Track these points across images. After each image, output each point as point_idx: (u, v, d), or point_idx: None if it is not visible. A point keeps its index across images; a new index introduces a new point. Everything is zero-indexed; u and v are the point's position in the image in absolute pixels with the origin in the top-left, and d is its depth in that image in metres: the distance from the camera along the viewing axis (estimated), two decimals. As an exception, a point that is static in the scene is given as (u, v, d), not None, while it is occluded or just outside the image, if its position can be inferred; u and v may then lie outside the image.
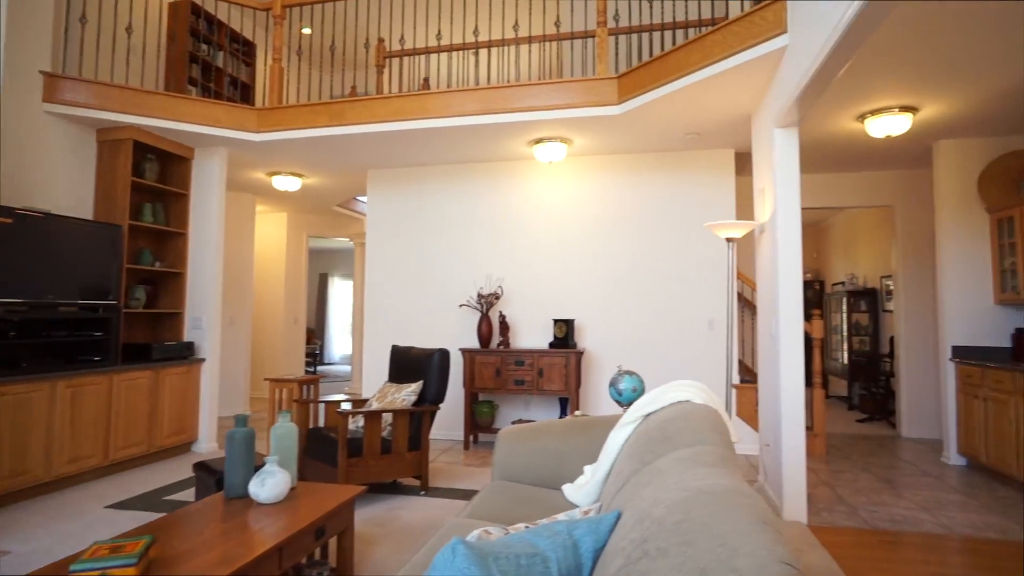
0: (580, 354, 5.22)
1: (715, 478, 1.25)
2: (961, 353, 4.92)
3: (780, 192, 3.72)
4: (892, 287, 6.29)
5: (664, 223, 5.49)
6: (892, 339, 6.76)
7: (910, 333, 6.09)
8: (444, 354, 4.09)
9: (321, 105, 5.01)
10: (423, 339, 5.89)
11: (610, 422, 2.83)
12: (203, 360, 5.20)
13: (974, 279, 4.97)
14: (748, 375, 5.62)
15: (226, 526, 2.18)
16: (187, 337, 5.25)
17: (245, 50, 6.40)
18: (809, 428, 5.17)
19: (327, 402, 4.05)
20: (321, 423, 6.36)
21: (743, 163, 5.68)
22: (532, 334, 5.66)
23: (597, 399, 5.50)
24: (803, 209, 6.49)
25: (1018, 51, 3.37)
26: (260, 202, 7.83)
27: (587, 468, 2.60)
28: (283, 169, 6.19)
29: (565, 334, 5.25)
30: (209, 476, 3.10)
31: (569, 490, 2.57)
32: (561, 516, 1.61)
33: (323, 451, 3.78)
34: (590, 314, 5.57)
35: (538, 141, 5.16)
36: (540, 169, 5.76)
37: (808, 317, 5.55)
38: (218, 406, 6.63)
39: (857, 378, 7.44)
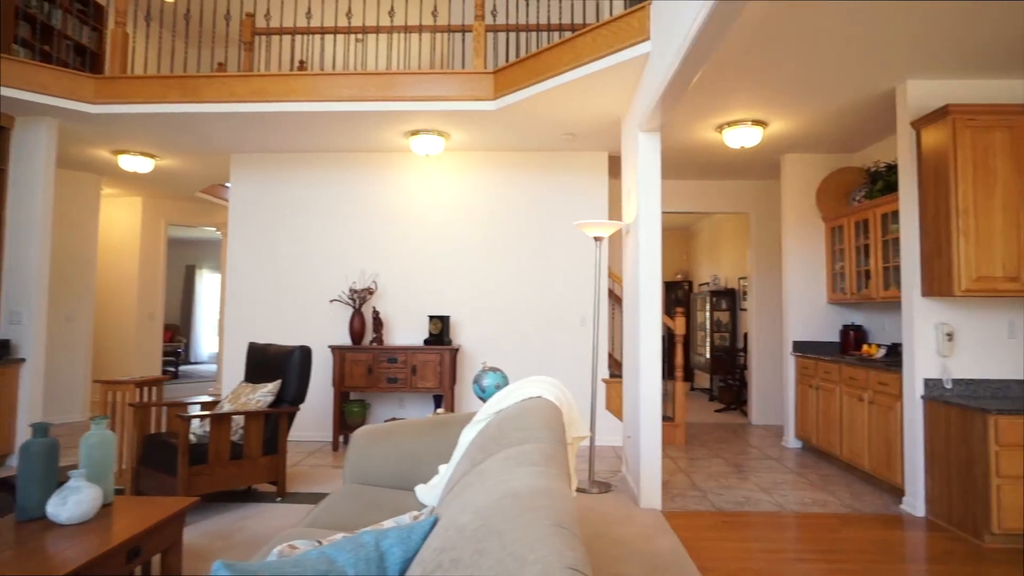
0: (455, 351, 5.16)
1: (530, 478, 1.22)
2: (800, 347, 5.43)
3: (643, 194, 3.87)
4: (747, 287, 6.84)
5: (540, 221, 5.57)
6: (746, 335, 7.34)
7: (760, 329, 6.64)
8: (305, 352, 3.86)
9: (173, 79, 4.55)
10: (291, 336, 5.55)
11: (468, 420, 2.79)
12: (22, 360, 4.55)
13: (812, 281, 5.50)
14: (618, 370, 5.85)
15: (13, 554, 1.88)
16: (1, 334, 4.57)
17: (92, 12, 5.67)
18: (671, 419, 5.47)
19: (166, 405, 3.67)
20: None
21: (617, 166, 5.90)
22: (407, 331, 5.52)
23: (472, 396, 5.47)
24: (673, 213, 6.87)
25: (847, 77, 3.73)
26: (107, 184, 7.00)
27: (441, 467, 2.53)
28: (131, 148, 5.57)
29: (440, 331, 5.17)
30: (11, 496, 2.69)
31: (422, 491, 2.49)
32: (388, 522, 1.53)
33: (162, 459, 3.42)
34: (466, 311, 5.53)
35: (415, 133, 5.03)
36: (417, 162, 5.63)
37: (673, 315, 5.87)
38: (47, 413, 5.86)
39: (717, 371, 8.02)
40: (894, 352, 4.58)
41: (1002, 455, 3.15)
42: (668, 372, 5.75)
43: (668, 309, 8.98)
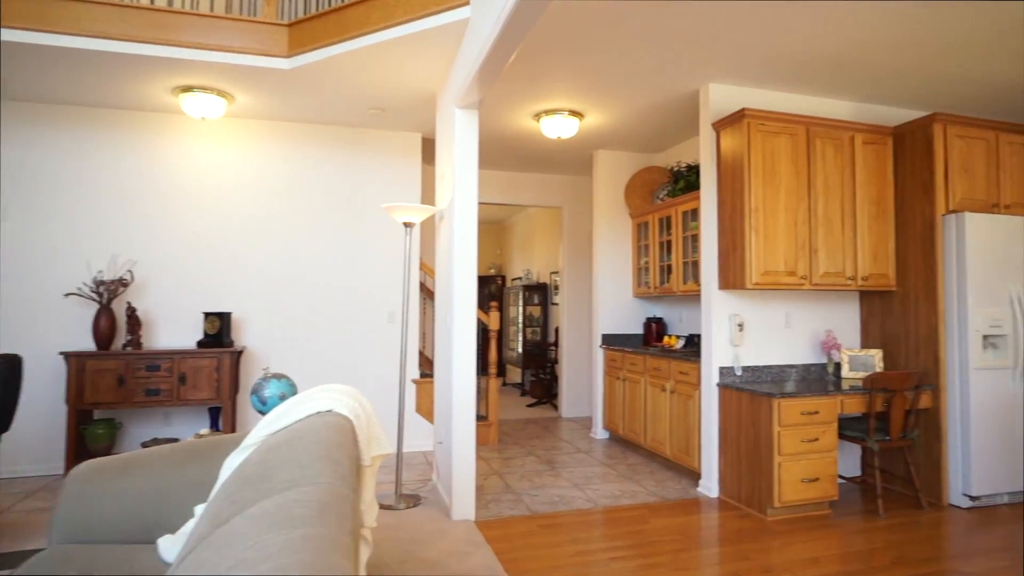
0: (238, 354, 4.36)
1: (288, 556, 0.76)
2: (608, 340, 5.57)
3: (460, 173, 3.53)
4: (559, 282, 6.97)
5: (343, 207, 4.96)
6: (557, 329, 7.48)
7: (571, 323, 6.77)
8: (9, 363, 2.85)
9: None
10: (8, 341, 4.23)
11: (238, 443, 2.18)
12: None
13: (619, 275, 5.68)
14: (429, 369, 5.48)
15: None
16: None
17: None
18: (484, 418, 5.25)
19: None
20: None
21: (431, 150, 5.52)
22: (176, 331, 4.54)
23: (263, 405, 4.68)
24: (488, 204, 6.69)
25: (657, 76, 3.79)
26: None
27: (198, 508, 1.92)
28: None
29: (219, 330, 4.31)
30: None
31: (166, 544, 1.86)
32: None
33: None
34: (253, 306, 4.72)
35: (187, 89, 4.11)
36: (192, 128, 4.66)
37: (487, 310, 5.66)
38: None
39: (529, 366, 8.08)
40: (691, 343, 4.86)
41: (783, 435, 3.39)
42: (482, 368, 5.53)
43: (482, 304, 8.88)
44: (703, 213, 4.00)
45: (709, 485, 3.88)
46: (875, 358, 4.02)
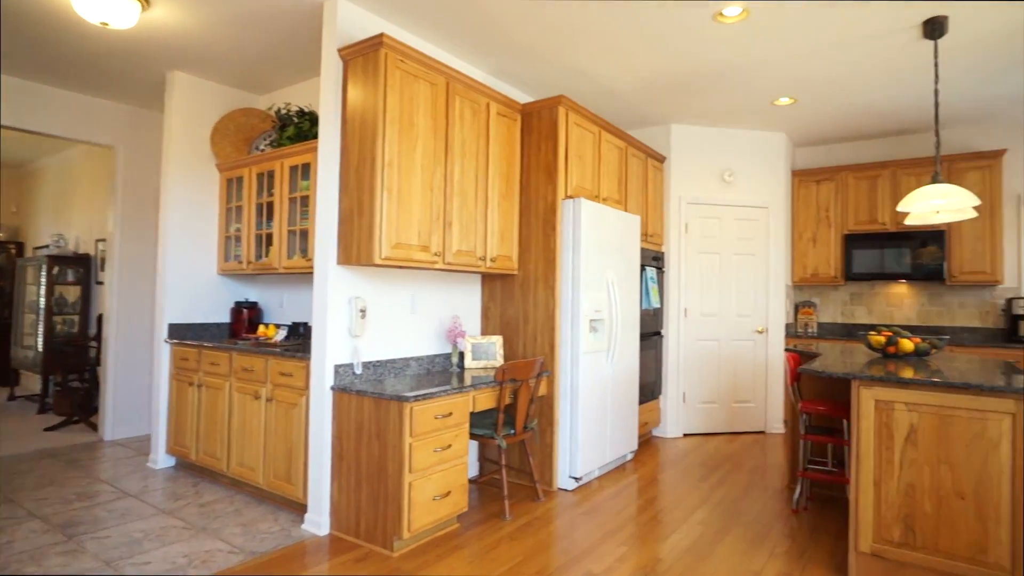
0: None
1: None
2: (177, 332, 4.06)
3: None
4: (108, 253, 4.93)
5: None
6: (100, 317, 5.38)
7: (123, 309, 4.87)
8: None
9: None
10: None
11: None
12: None
13: (199, 245, 4.22)
14: None
15: None
16: None
17: None
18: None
19: None
20: None
21: None
22: None
23: None
24: (-27, 120, 4.23)
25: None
26: None
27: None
28: None
29: None
30: None
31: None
32: None
33: None
34: None
35: None
36: None
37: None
38: None
39: (55, 370, 5.64)
40: (297, 334, 3.84)
41: (416, 448, 2.74)
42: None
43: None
44: (321, 165, 3.05)
45: (318, 520, 2.97)
46: (496, 345, 3.79)
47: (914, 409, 2.47)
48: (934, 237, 4.94)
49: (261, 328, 3.89)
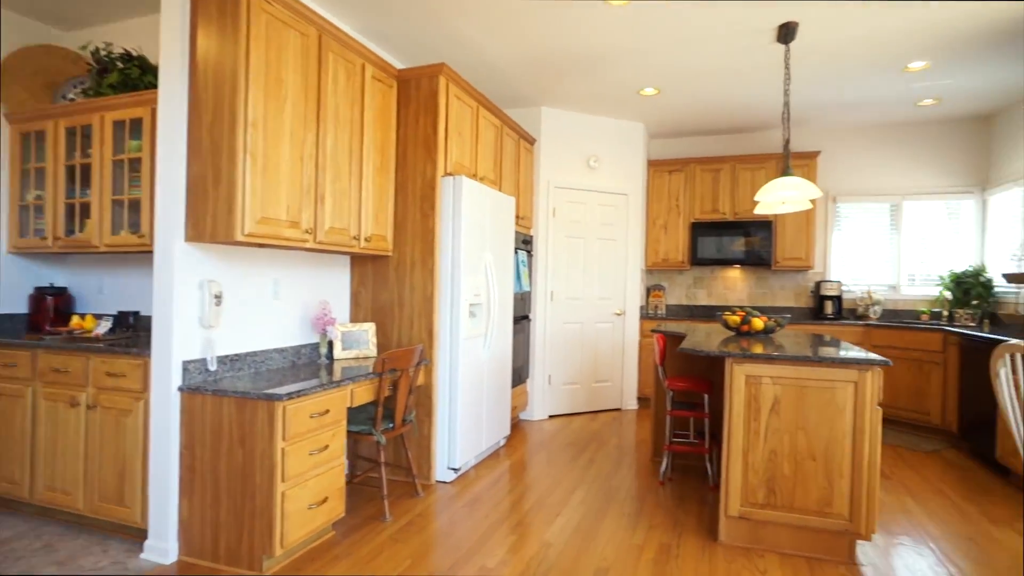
0: None
1: None
2: (-47, 326, 3.20)
3: None
4: None
5: None
6: None
7: None
8: None
9: None
10: None
11: None
12: None
13: (-20, 215, 3.35)
14: None
15: None
16: None
17: None
18: None
19: None
20: None
21: None
22: None
23: None
24: None
25: None
26: None
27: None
28: None
29: None
30: None
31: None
32: None
33: None
34: None
35: None
36: None
37: None
38: None
39: None
40: (124, 325, 3.21)
41: (289, 453, 2.41)
42: None
43: None
44: (163, 123, 2.53)
45: (163, 546, 2.50)
46: (368, 333, 3.51)
47: (778, 382, 2.69)
48: (764, 227, 5.54)
49: (75, 319, 3.19)
